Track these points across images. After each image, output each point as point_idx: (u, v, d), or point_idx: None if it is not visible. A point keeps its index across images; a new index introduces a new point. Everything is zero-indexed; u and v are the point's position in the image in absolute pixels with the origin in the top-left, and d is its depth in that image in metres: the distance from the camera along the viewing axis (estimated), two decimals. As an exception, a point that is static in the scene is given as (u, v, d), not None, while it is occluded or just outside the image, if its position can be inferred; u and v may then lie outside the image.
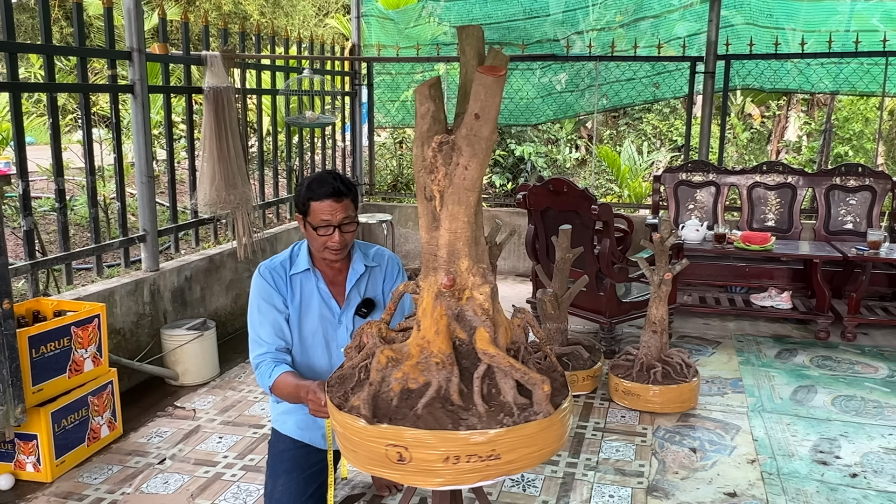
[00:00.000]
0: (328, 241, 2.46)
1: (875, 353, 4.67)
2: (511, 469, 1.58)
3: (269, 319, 2.52)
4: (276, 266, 2.57)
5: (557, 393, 1.70)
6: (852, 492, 3.00)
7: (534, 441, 1.58)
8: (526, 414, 1.59)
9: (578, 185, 4.56)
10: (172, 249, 4.70)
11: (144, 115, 4.10)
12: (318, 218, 2.43)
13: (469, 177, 1.61)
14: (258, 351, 2.51)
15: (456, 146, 1.66)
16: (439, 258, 1.74)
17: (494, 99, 1.49)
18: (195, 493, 2.96)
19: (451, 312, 1.73)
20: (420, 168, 1.70)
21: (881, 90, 5.95)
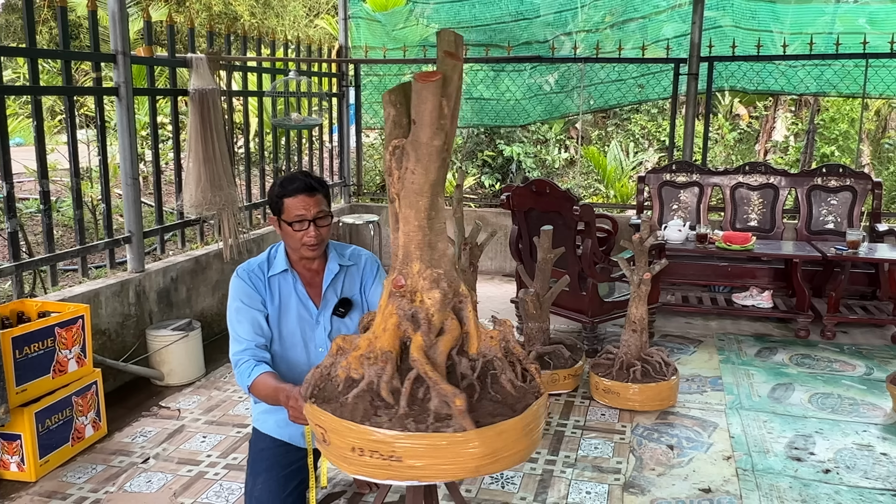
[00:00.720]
0: (304, 237, 2.49)
1: (853, 352, 4.74)
2: (418, 475, 1.53)
3: (248, 317, 2.55)
4: (253, 268, 2.61)
5: (504, 413, 1.56)
6: (824, 487, 3.05)
7: (443, 453, 1.50)
8: (438, 424, 1.52)
9: (562, 186, 4.61)
10: (158, 251, 4.72)
11: (129, 118, 4.13)
12: (293, 214, 2.47)
13: (416, 181, 1.60)
14: (238, 348, 2.54)
15: (405, 151, 1.69)
16: (396, 259, 1.78)
17: (426, 104, 1.47)
18: (178, 492, 2.99)
19: (402, 312, 1.73)
20: (387, 171, 1.75)
21: (861, 91, 6.02)
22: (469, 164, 10.64)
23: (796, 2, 6.24)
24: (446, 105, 1.45)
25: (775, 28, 6.23)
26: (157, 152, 4.62)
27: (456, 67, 1.46)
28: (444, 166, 1.53)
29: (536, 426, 1.62)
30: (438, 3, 7.05)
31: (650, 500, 2.96)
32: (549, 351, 4.06)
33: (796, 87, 6.31)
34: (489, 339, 1.69)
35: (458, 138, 10.63)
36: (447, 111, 1.46)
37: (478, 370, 1.62)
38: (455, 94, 1.46)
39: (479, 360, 1.62)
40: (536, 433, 1.63)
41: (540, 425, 1.64)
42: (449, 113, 1.46)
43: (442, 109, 1.46)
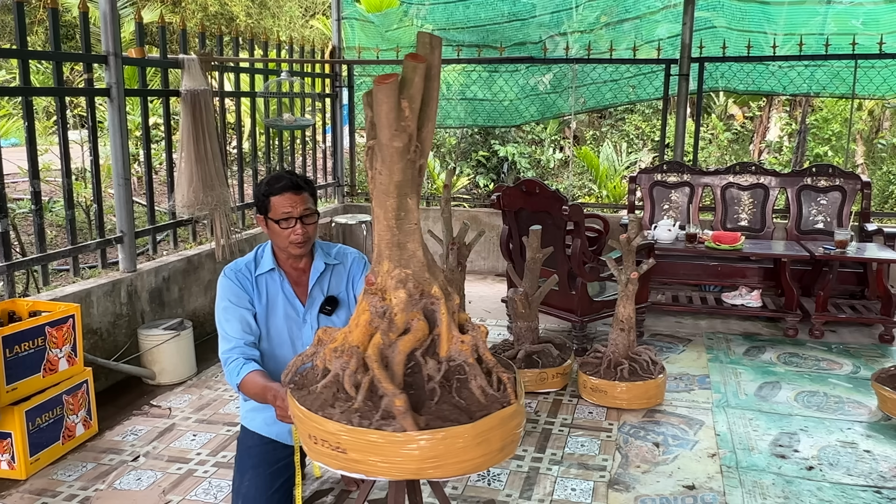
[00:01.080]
0: (291, 235, 2.52)
1: (841, 350, 4.78)
2: (362, 469, 1.55)
3: (237, 316, 2.58)
4: (241, 268, 2.64)
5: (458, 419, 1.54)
6: (807, 484, 3.09)
7: (380, 451, 1.51)
8: (381, 422, 1.53)
9: (556, 186, 4.64)
10: (150, 251, 4.75)
11: (121, 118, 4.15)
12: (280, 211, 2.50)
13: (382, 182, 1.62)
14: (227, 346, 2.56)
15: (374, 152, 1.72)
16: (374, 256, 1.81)
17: (382, 106, 1.48)
18: (167, 489, 3.02)
19: (374, 309, 1.74)
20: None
21: (851, 92, 6.06)
22: (464, 164, 10.68)
23: (789, 3, 6.27)
24: (407, 106, 1.46)
25: (769, 29, 6.27)
26: (149, 153, 4.65)
27: (416, 69, 1.46)
28: (411, 167, 1.52)
29: (496, 436, 1.55)
30: (433, 4, 7.09)
31: (634, 497, 2.99)
32: (538, 350, 4.09)
33: (786, 88, 6.34)
34: (460, 344, 1.65)
35: (451, 138, 10.66)
36: (408, 112, 1.47)
37: (442, 373, 1.59)
38: (418, 96, 1.46)
39: (445, 364, 1.60)
40: (497, 443, 1.56)
41: (504, 436, 1.57)
42: (411, 114, 1.47)
43: (401, 111, 1.46)
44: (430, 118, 1.52)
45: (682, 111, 6.27)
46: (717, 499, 2.97)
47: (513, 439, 1.63)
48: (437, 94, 1.51)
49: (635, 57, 6.44)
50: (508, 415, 1.56)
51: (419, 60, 1.47)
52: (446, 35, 7.14)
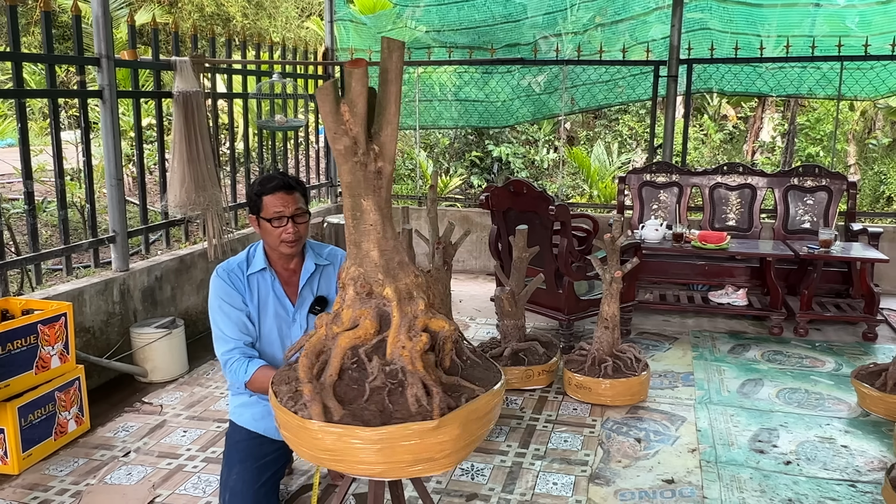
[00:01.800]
0: (283, 234, 2.59)
1: (825, 348, 4.85)
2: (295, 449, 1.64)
3: (233, 317, 2.64)
4: (233, 267, 2.70)
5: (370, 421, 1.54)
6: (784, 478, 3.16)
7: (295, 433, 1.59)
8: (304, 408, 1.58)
9: (549, 186, 4.71)
10: (143, 250, 4.81)
11: (113, 120, 4.22)
12: (271, 211, 2.57)
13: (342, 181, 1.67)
14: (226, 347, 2.63)
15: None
16: None
17: (322, 108, 1.54)
18: (157, 484, 3.08)
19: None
20: None
21: (837, 93, 6.13)
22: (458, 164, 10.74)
23: (782, 4, 6.34)
24: (346, 111, 1.51)
25: (760, 31, 6.33)
26: (141, 154, 4.71)
27: (352, 74, 1.51)
28: (361, 170, 1.56)
29: (403, 448, 1.51)
30: (427, 6, 7.15)
31: (614, 490, 3.06)
32: (524, 347, 4.15)
33: (774, 89, 6.42)
34: (401, 349, 1.62)
35: (444, 139, 10.72)
36: (348, 116, 1.51)
37: (380, 374, 1.59)
38: (358, 100, 1.51)
39: (387, 367, 1.60)
40: (405, 455, 1.52)
41: (417, 450, 1.53)
42: (352, 118, 1.51)
43: (340, 115, 1.51)
44: (390, 121, 1.56)
45: (670, 112, 6.34)
46: (695, 492, 3.04)
47: (430, 456, 1.55)
48: (396, 98, 1.55)
49: (625, 58, 6.51)
50: (423, 430, 1.50)
51: (357, 65, 1.51)
52: (439, 37, 7.21)
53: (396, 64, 1.55)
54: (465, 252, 6.91)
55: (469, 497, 2.99)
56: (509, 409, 3.86)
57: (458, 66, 7.08)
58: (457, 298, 6.00)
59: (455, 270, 6.75)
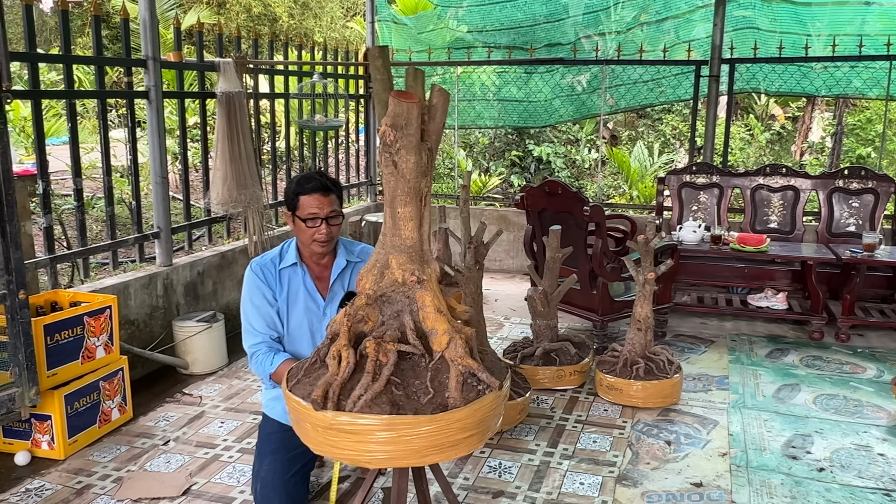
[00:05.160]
0: (316, 234, 2.66)
1: (866, 354, 4.74)
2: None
3: (262, 312, 2.73)
4: (266, 262, 2.79)
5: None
6: (816, 485, 3.11)
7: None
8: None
9: (585, 186, 4.70)
10: (186, 246, 4.95)
11: (159, 120, 4.36)
12: (307, 211, 2.64)
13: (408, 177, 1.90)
14: (253, 340, 2.72)
15: (431, 153, 1.89)
16: (426, 251, 2.00)
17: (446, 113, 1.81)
18: (194, 472, 3.19)
19: None
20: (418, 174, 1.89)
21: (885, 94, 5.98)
22: (498, 163, 10.75)
23: (833, 3, 6.19)
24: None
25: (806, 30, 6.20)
26: (185, 152, 4.85)
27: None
28: None
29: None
30: (470, 6, 7.18)
31: (641, 492, 3.05)
32: (556, 348, 4.17)
33: (819, 90, 6.28)
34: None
35: (484, 138, 10.74)
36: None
37: None
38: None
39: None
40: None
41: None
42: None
43: None
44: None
45: (711, 112, 6.25)
46: (724, 497, 3.02)
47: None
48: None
49: (666, 58, 6.45)
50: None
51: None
52: (480, 37, 7.24)
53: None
54: (501, 251, 6.94)
55: (496, 494, 3.02)
56: (539, 408, 3.88)
57: (499, 67, 7.10)
58: (492, 297, 6.03)
59: (491, 270, 6.78)
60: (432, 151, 1.88)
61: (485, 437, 1.82)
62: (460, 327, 1.87)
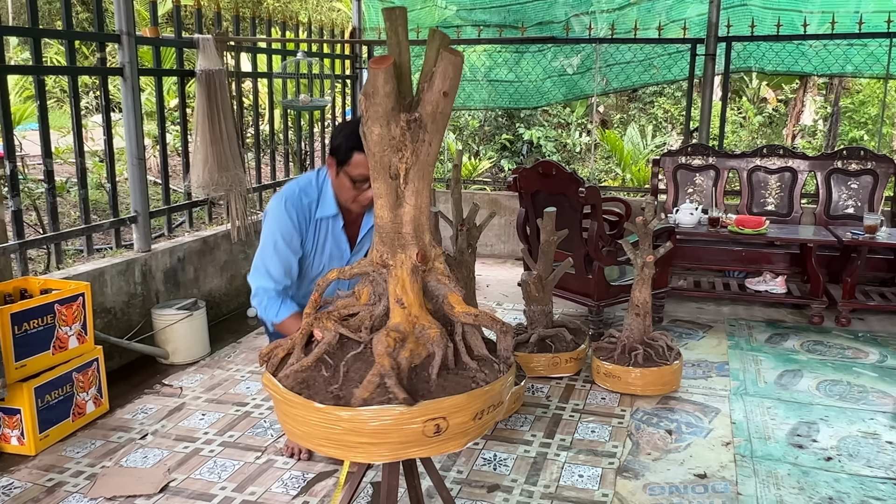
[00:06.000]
0: (360, 196, 2.49)
1: (868, 339, 4.63)
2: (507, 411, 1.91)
3: (283, 258, 2.56)
4: (303, 206, 2.58)
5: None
6: (824, 475, 2.99)
7: (510, 386, 1.81)
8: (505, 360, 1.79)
9: (576, 170, 4.55)
10: (165, 231, 4.76)
11: (134, 98, 4.15)
12: (358, 171, 2.44)
13: (432, 153, 1.76)
14: (264, 283, 2.56)
15: (423, 123, 1.70)
16: (405, 235, 1.79)
17: (459, 78, 1.67)
18: (172, 468, 3.02)
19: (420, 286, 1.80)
20: (386, 147, 1.73)
21: (885, 72, 5.84)
22: (488, 147, 10.58)
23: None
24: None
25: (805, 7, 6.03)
26: (163, 133, 4.65)
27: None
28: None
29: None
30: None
31: (643, 484, 2.92)
32: (552, 334, 4.02)
33: (817, 68, 6.14)
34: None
35: (474, 121, 10.57)
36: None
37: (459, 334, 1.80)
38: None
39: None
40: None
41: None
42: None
43: None
44: None
45: (707, 92, 6.10)
46: (729, 488, 2.89)
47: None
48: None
49: (661, 36, 6.28)
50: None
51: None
52: (469, 16, 7.03)
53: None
54: (492, 236, 6.78)
55: (490, 488, 2.87)
56: (535, 397, 3.73)
57: (489, 47, 6.91)
58: (483, 283, 5.87)
59: (482, 255, 6.62)
60: (421, 123, 1.70)
61: (389, 449, 1.63)
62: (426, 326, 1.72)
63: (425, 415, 1.61)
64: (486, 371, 1.73)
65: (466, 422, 1.66)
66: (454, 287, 1.81)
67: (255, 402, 3.66)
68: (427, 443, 1.63)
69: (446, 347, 1.73)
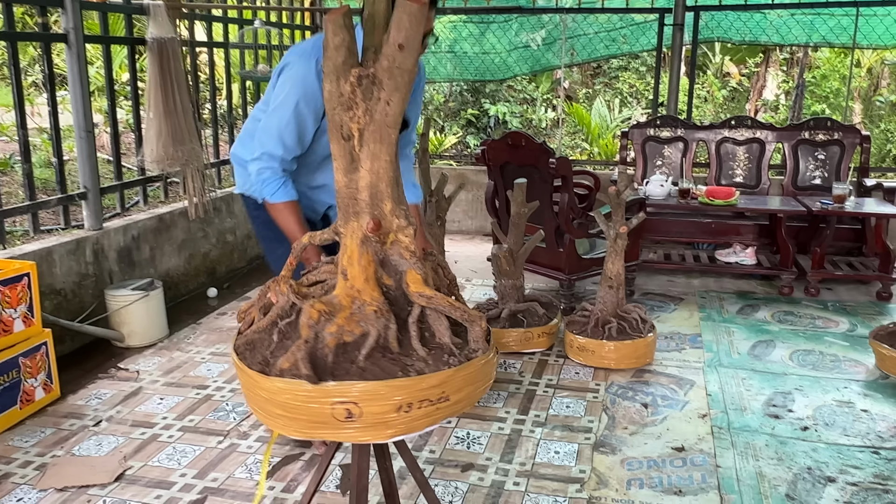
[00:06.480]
0: None
1: (837, 308, 4.63)
2: (457, 409, 1.59)
3: (301, 124, 2.34)
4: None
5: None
6: (802, 445, 2.94)
7: (475, 379, 1.59)
8: (466, 352, 1.58)
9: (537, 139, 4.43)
10: (118, 208, 4.53)
11: (80, 66, 3.91)
12: None
13: (391, 112, 1.57)
14: (273, 150, 2.34)
15: (377, 80, 1.55)
16: (360, 202, 1.64)
17: (418, 29, 1.47)
18: (128, 455, 2.86)
19: (376, 258, 1.64)
20: (336, 104, 1.59)
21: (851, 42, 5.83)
22: (453, 123, 10.42)
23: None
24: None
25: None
26: (113, 105, 4.41)
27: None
28: None
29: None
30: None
31: (621, 459, 2.84)
32: (523, 309, 3.92)
33: (785, 38, 6.10)
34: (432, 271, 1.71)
35: (439, 96, 10.39)
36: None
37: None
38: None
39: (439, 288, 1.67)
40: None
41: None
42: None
43: None
44: None
45: (676, 62, 6.03)
46: (708, 461, 2.83)
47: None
48: None
49: (629, 6, 6.18)
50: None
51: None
52: (432, -14, 6.85)
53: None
54: (460, 212, 6.65)
55: (465, 467, 2.77)
56: (507, 373, 3.63)
57: (454, 19, 6.74)
58: (452, 259, 5.75)
59: (450, 231, 6.49)
60: (375, 79, 1.53)
61: (301, 426, 1.52)
62: (366, 302, 1.57)
63: (331, 397, 1.46)
64: (431, 361, 1.54)
65: (387, 412, 1.48)
66: (415, 264, 1.64)
67: (216, 384, 3.50)
68: (340, 427, 1.48)
69: (385, 328, 1.55)
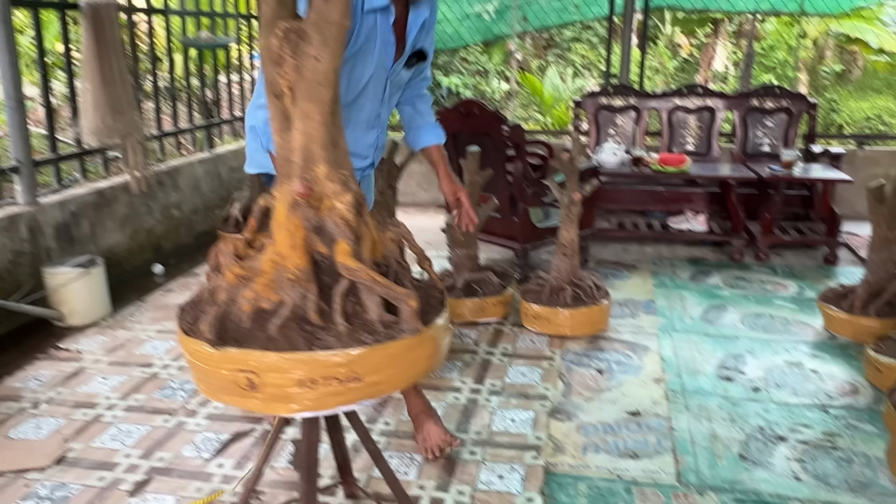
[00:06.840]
0: None
1: (786, 272, 4.70)
2: (375, 392, 1.48)
3: None
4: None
5: (431, 310, 1.62)
6: (754, 405, 2.98)
7: (400, 361, 1.49)
8: (390, 332, 1.48)
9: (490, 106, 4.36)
10: (55, 182, 4.33)
11: (6, 32, 3.69)
12: None
13: (321, 69, 1.49)
14: None
15: (304, 34, 1.46)
16: (293, 164, 1.56)
17: None
18: (69, 437, 2.74)
19: (309, 224, 1.56)
20: (266, 59, 1.49)
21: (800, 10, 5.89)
22: (405, 95, 10.29)
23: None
24: None
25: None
26: (45, 74, 4.19)
27: None
28: None
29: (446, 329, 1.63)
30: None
31: (577, 425, 2.83)
32: (478, 278, 3.87)
33: (734, 5, 6.12)
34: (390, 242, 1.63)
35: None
36: None
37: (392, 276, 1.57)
38: None
39: (391, 262, 1.58)
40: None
41: None
42: None
43: None
44: None
45: (627, 30, 6.01)
46: (663, 424, 2.83)
47: None
48: None
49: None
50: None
51: None
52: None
53: None
54: (413, 184, 6.57)
55: (420, 438, 2.72)
56: (462, 343, 3.59)
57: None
58: (406, 232, 5.67)
59: (404, 203, 6.41)
60: (302, 34, 1.44)
61: (207, 388, 1.51)
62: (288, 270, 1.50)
63: (231, 363, 1.42)
64: (345, 338, 1.45)
65: (287, 385, 1.41)
66: (345, 233, 1.55)
67: (162, 362, 3.39)
68: (244, 395, 1.43)
69: (302, 298, 1.48)
